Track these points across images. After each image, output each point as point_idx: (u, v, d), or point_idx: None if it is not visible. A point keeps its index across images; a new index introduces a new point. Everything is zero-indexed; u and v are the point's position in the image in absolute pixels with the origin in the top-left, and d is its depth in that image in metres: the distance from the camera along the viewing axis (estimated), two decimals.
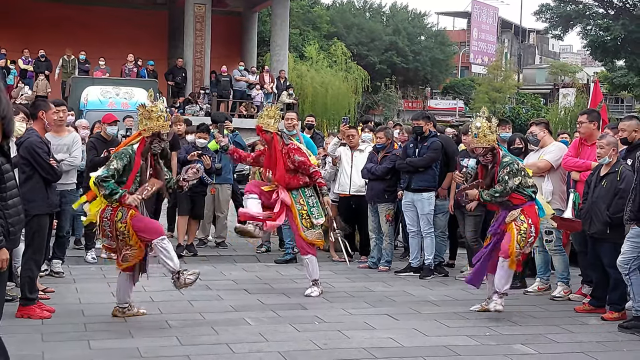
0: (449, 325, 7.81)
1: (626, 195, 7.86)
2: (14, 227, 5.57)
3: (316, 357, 6.57)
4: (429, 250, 10.47)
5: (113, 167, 7.21)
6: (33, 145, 7.82)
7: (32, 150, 7.78)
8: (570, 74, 72.31)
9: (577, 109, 44.17)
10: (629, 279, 7.75)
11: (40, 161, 7.83)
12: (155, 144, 7.44)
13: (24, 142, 7.81)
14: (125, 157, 7.30)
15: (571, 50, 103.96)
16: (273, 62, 32.59)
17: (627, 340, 7.45)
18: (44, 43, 27.67)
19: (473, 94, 60.79)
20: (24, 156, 7.76)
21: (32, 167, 7.81)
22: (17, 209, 5.64)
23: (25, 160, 7.76)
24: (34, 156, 7.79)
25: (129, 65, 27.61)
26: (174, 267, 7.38)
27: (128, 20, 32.36)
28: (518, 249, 7.93)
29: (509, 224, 8.01)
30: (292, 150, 9.10)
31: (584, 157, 9.16)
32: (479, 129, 8.07)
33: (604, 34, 37.20)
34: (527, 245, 8.04)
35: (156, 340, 6.92)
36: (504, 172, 7.97)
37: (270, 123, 9.11)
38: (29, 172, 7.81)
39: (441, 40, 61.64)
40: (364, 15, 58.71)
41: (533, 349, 7.01)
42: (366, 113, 48.28)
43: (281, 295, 9.06)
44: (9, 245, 5.52)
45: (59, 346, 6.65)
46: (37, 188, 7.87)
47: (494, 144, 8.12)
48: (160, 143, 7.48)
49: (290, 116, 11.73)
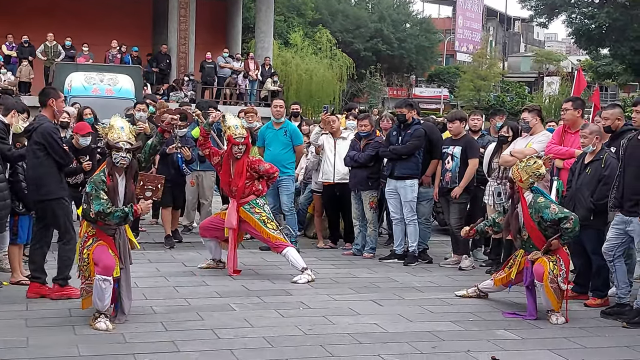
0: (433, 311, 7.86)
1: (610, 182, 7.92)
2: None
3: (301, 342, 6.60)
4: (412, 238, 10.50)
5: (103, 197, 6.87)
6: (48, 130, 7.87)
7: (47, 136, 7.82)
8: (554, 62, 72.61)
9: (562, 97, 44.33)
10: (613, 266, 7.82)
11: (55, 146, 7.86)
12: (116, 157, 7.03)
13: (37, 128, 7.87)
14: (100, 183, 6.93)
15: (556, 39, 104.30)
16: (258, 49, 32.49)
17: (609, 326, 7.53)
18: (27, 29, 27.44)
19: (458, 81, 60.87)
20: (39, 141, 7.81)
21: (46, 152, 7.84)
22: (3, 194, 5.67)
23: (39, 145, 7.82)
24: (50, 141, 7.82)
25: (112, 51, 27.43)
26: (100, 308, 6.90)
27: (112, 6, 32.10)
28: (552, 274, 7.55)
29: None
30: (255, 162, 9.63)
31: (568, 144, 9.20)
32: (523, 163, 7.90)
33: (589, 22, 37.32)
34: (561, 274, 7.61)
35: (141, 326, 6.92)
36: (555, 210, 7.66)
37: (243, 133, 9.38)
38: (43, 157, 7.84)
39: (426, 27, 61.64)
40: (349, 2, 58.58)
41: (516, 335, 7.08)
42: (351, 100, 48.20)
43: (266, 281, 9.08)
44: None
45: (43, 331, 6.66)
46: (50, 172, 7.91)
47: (518, 183, 7.88)
48: (120, 154, 7.02)
49: (277, 103, 11.65)
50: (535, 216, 7.75)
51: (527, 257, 7.83)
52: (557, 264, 7.63)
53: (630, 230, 7.57)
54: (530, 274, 7.75)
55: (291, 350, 6.32)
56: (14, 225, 8.48)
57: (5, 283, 8.34)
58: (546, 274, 7.56)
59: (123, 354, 6.10)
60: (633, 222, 7.50)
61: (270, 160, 10.69)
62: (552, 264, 7.61)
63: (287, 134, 11.26)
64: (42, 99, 8.24)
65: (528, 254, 7.85)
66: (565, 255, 7.79)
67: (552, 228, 7.70)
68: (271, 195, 11.20)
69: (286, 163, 11.12)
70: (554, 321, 7.58)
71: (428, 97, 60.40)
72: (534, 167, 7.81)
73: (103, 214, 6.85)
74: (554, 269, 7.58)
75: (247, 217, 9.38)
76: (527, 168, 7.82)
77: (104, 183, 6.95)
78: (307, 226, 12.55)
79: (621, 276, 7.83)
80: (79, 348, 6.21)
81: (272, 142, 11.22)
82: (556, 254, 7.71)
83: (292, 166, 11.35)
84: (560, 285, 7.58)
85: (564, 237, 7.65)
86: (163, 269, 9.57)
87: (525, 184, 7.84)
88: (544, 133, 9.78)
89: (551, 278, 7.55)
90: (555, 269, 7.59)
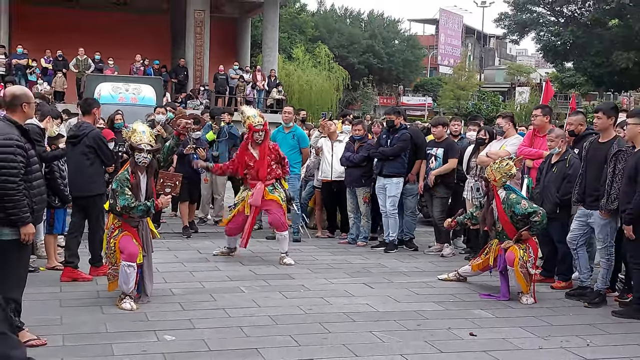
0: (418, 293, 7.85)
1: (574, 180, 7.94)
2: (37, 205, 5.62)
3: (302, 320, 6.59)
4: (392, 229, 10.47)
5: (127, 193, 6.86)
6: (99, 135, 8.21)
7: (98, 140, 8.11)
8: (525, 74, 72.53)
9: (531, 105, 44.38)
10: (577, 253, 7.82)
11: (105, 149, 8.11)
12: (138, 157, 7.03)
13: (88, 134, 8.08)
14: (125, 181, 6.93)
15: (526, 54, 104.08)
16: (264, 62, 32.41)
17: (573, 306, 7.53)
18: (60, 44, 27.41)
19: (440, 91, 60.87)
20: (90, 145, 8.06)
21: (96, 154, 8.07)
22: (40, 189, 5.68)
23: (90, 148, 8.06)
24: (100, 145, 8.10)
25: (136, 64, 27.44)
26: (125, 290, 6.90)
27: (136, 24, 32.09)
28: (522, 260, 7.58)
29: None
30: (276, 146, 9.70)
31: (536, 146, 9.22)
32: (496, 164, 7.91)
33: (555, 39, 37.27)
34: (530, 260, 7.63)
35: (161, 307, 6.91)
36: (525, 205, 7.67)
37: (261, 121, 9.40)
38: (93, 158, 8.09)
39: (412, 44, 61.62)
40: (345, 22, 58.50)
41: (491, 314, 7.07)
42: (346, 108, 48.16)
43: (271, 267, 9.07)
44: (34, 221, 5.56)
45: (75, 311, 6.65)
46: (99, 172, 8.24)
47: (493, 182, 7.89)
48: (142, 155, 7.02)
49: (287, 110, 11.61)
50: (508, 211, 7.77)
51: (501, 245, 7.85)
52: (526, 251, 7.65)
53: (591, 222, 7.57)
54: (503, 260, 7.76)
55: (293, 328, 6.31)
56: (51, 217, 8.48)
57: (42, 268, 8.34)
58: (517, 260, 7.58)
59: (145, 331, 6.09)
60: (593, 215, 7.50)
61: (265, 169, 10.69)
62: (522, 252, 7.63)
63: (294, 137, 11.22)
64: (85, 107, 8.48)
65: (501, 242, 7.88)
66: (534, 244, 7.80)
67: (522, 221, 7.72)
68: None
69: (293, 163, 11.08)
70: (524, 301, 7.59)
71: (414, 105, 60.44)
72: (506, 168, 7.85)
73: (128, 207, 6.85)
74: (524, 255, 7.61)
75: (272, 196, 9.36)
76: (500, 169, 7.85)
77: (128, 180, 6.96)
78: (309, 218, 12.54)
79: (583, 263, 7.83)
80: (107, 325, 6.20)
81: (281, 144, 11.15)
82: (526, 243, 7.73)
83: (298, 166, 11.29)
84: (529, 270, 7.60)
85: (532, 228, 7.67)
86: (181, 255, 9.55)
87: (499, 182, 7.87)
88: (516, 137, 9.78)
89: (521, 264, 7.57)
90: (525, 256, 7.61)
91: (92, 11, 32.07)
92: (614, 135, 7.52)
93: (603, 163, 7.37)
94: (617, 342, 6.25)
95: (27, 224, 5.39)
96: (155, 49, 31.50)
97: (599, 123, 7.58)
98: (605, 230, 7.41)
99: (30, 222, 5.42)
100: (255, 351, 5.62)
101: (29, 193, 5.46)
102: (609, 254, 7.46)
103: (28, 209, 5.41)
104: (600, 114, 7.56)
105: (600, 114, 7.56)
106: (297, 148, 11.22)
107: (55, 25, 30.56)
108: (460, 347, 5.94)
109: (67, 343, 5.69)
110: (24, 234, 5.38)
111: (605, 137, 7.53)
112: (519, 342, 6.11)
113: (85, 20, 31.20)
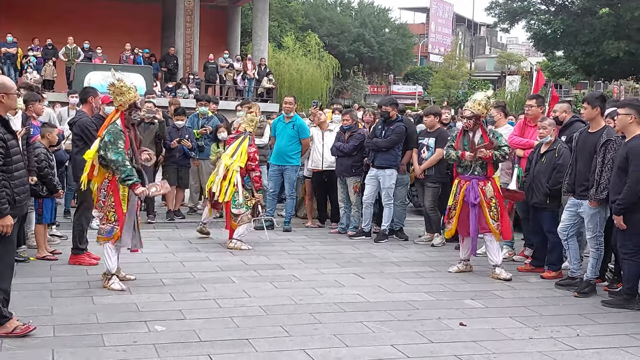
0: (409, 283, 7.87)
1: (563, 170, 7.98)
2: (19, 196, 5.58)
3: (293, 311, 6.60)
4: (386, 218, 10.49)
5: (121, 147, 6.92)
6: (86, 124, 8.36)
7: (85, 128, 8.33)
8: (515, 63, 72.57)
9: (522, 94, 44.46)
10: (567, 244, 7.85)
11: (91, 137, 8.10)
12: (133, 114, 7.20)
13: (77, 122, 8.46)
14: (119, 134, 6.99)
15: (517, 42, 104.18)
16: (254, 51, 32.29)
17: (562, 295, 7.57)
18: (49, 33, 27.21)
19: (431, 80, 60.95)
20: (77, 133, 8.40)
21: (84, 141, 8.24)
22: (22, 179, 5.65)
23: (78, 136, 8.37)
24: (86, 133, 8.28)
25: (126, 53, 27.33)
26: (110, 269, 7.11)
27: (126, 12, 31.92)
28: (494, 222, 8.14)
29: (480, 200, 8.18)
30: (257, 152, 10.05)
31: (527, 136, 9.24)
32: (477, 98, 8.33)
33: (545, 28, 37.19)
34: (499, 214, 8.23)
35: (152, 297, 6.91)
36: (501, 140, 8.27)
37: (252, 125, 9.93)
38: (81, 145, 8.29)
39: (403, 32, 61.56)
40: (335, 10, 58.35)
41: (481, 304, 7.09)
42: (336, 97, 48.29)
43: (262, 257, 9.07)
44: (15, 212, 5.52)
45: (66, 302, 6.63)
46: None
47: (482, 115, 8.34)
48: (137, 112, 7.28)
49: (288, 100, 11.48)
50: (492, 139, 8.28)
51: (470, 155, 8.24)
52: (496, 205, 8.24)
53: (581, 212, 7.59)
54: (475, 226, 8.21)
55: (284, 318, 6.31)
56: (39, 207, 8.47)
57: (32, 258, 8.31)
58: (491, 225, 8.16)
59: (136, 321, 6.08)
60: (583, 205, 7.52)
61: (277, 150, 11.15)
62: (492, 212, 8.20)
63: (294, 128, 11.17)
64: (82, 96, 8.87)
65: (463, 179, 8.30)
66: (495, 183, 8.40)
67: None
68: (273, 181, 11.21)
69: (292, 154, 11.11)
70: (497, 273, 8.10)
71: (404, 94, 60.38)
72: (490, 102, 8.50)
73: (118, 163, 6.90)
74: (494, 216, 8.20)
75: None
76: (487, 104, 8.36)
77: (122, 133, 7.04)
78: (299, 208, 12.54)
79: (574, 253, 7.86)
80: (97, 316, 6.19)
81: (280, 134, 11.19)
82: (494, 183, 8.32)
83: (297, 157, 11.26)
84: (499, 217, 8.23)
85: (497, 152, 8.17)
86: (171, 246, 9.55)
87: (481, 111, 8.29)
88: (507, 127, 9.80)
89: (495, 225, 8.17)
90: (495, 215, 8.19)
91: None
92: (603, 125, 7.54)
93: (593, 153, 7.39)
94: (607, 331, 6.29)
95: (4, 216, 5.35)
96: (145, 37, 31.36)
97: (585, 113, 7.64)
98: (595, 219, 7.43)
99: (9, 213, 5.38)
100: (245, 342, 5.62)
101: (9, 184, 5.43)
102: (598, 244, 7.50)
103: (6, 200, 5.37)
104: (585, 104, 7.62)
105: (585, 104, 7.62)
106: (296, 139, 11.19)
107: (44, 14, 30.35)
108: (450, 337, 5.96)
109: (57, 334, 5.68)
110: (1, 226, 5.34)
111: (595, 127, 7.55)
112: (509, 332, 6.13)
113: (74, 9, 31.01)
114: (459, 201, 8.33)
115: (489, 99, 8.36)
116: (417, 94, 59.80)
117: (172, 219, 11.48)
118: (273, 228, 10.96)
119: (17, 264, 6.50)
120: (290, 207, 11.31)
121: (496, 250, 8.31)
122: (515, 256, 9.39)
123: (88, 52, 26.64)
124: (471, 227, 8.23)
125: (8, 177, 5.44)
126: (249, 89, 29.30)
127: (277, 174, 11.15)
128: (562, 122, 8.86)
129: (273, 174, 11.22)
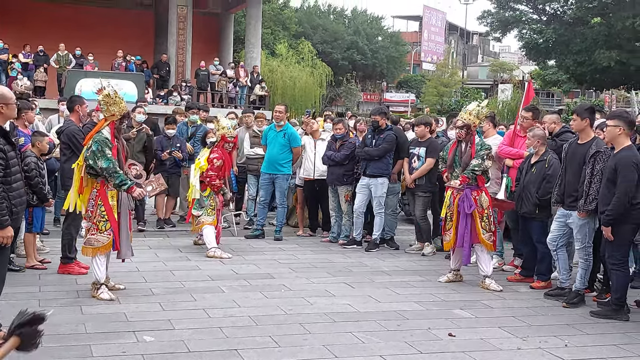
0: (399, 293, 7.88)
1: (553, 180, 8.02)
2: (16, 208, 5.58)
3: (282, 321, 6.59)
4: (377, 227, 10.50)
5: (109, 155, 6.93)
6: (73, 132, 8.41)
7: (72, 137, 8.39)
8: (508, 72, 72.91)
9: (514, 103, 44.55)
10: (557, 254, 7.88)
11: (78, 146, 8.14)
12: (122, 125, 7.45)
13: (64, 130, 8.55)
14: (105, 142, 6.98)
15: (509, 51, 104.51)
16: (247, 58, 32.33)
17: (551, 306, 7.59)
18: (41, 39, 27.19)
19: (423, 88, 61.11)
20: (65, 141, 8.48)
21: (71, 150, 8.34)
22: (20, 191, 5.64)
23: (66, 144, 8.45)
24: (74, 142, 8.35)
25: (118, 60, 27.30)
26: (99, 278, 7.12)
27: (118, 19, 31.95)
28: (485, 233, 8.18)
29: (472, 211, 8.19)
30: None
31: (517, 146, 9.28)
32: (470, 108, 8.37)
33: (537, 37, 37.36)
34: (492, 225, 8.28)
35: (141, 306, 6.90)
36: (482, 152, 8.22)
37: (234, 134, 10.11)
38: (69, 154, 8.39)
39: (396, 40, 61.79)
40: (329, 18, 58.52)
41: (470, 314, 7.11)
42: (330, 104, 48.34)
43: (252, 266, 9.06)
44: (13, 223, 5.51)
45: (54, 311, 6.60)
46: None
47: (473, 125, 8.33)
48: (127, 121, 7.65)
49: (279, 108, 11.34)
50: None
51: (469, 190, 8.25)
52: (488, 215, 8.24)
53: (570, 222, 7.62)
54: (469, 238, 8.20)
55: (274, 328, 6.31)
56: (29, 216, 8.44)
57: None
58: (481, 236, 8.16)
59: (125, 331, 6.07)
60: (572, 215, 7.55)
61: (268, 159, 11.13)
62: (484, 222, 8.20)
63: (285, 136, 11.12)
64: (69, 105, 8.84)
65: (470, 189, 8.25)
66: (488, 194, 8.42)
67: None
68: (264, 189, 11.19)
69: (283, 162, 11.06)
70: (487, 284, 8.14)
71: (397, 101, 60.64)
72: (483, 112, 8.41)
73: (109, 170, 6.92)
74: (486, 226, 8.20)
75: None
76: (479, 114, 8.34)
77: (109, 141, 7.05)
78: (290, 216, 12.54)
79: (563, 264, 7.89)
80: (86, 326, 6.17)
81: (271, 142, 11.14)
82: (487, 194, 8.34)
83: (288, 165, 11.20)
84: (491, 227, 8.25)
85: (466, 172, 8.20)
86: (161, 254, 9.53)
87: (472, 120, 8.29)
88: (496, 137, 9.82)
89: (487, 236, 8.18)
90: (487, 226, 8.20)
91: (73, 5, 31.90)
92: (592, 137, 7.58)
93: (582, 164, 7.43)
94: (595, 342, 6.31)
95: (5, 227, 5.34)
96: (137, 44, 31.38)
97: (574, 125, 7.71)
98: (584, 230, 7.47)
99: (9, 225, 5.38)
100: (235, 352, 5.62)
101: (7, 195, 5.42)
102: (587, 254, 7.53)
103: (7, 212, 5.37)
104: (575, 116, 7.68)
105: (575, 116, 7.68)
106: (287, 147, 11.12)
107: (35, 20, 30.34)
108: (439, 347, 5.97)
109: (45, 344, 5.63)
110: (2, 237, 5.34)
111: (584, 139, 7.59)
112: (497, 343, 6.15)
113: (66, 15, 31.03)
114: (454, 211, 8.33)
115: (481, 108, 8.37)
116: (410, 101, 59.96)
117: (162, 228, 11.48)
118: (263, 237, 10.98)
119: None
120: (282, 215, 11.31)
121: (487, 261, 8.34)
122: (505, 266, 9.41)
123: (80, 59, 26.60)
124: (464, 238, 8.24)
125: (7, 189, 5.44)
126: (242, 97, 29.31)
127: (268, 183, 11.16)
128: (551, 133, 8.92)
129: (264, 183, 11.21)
